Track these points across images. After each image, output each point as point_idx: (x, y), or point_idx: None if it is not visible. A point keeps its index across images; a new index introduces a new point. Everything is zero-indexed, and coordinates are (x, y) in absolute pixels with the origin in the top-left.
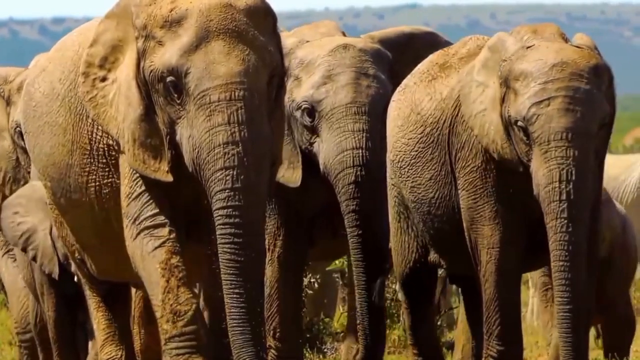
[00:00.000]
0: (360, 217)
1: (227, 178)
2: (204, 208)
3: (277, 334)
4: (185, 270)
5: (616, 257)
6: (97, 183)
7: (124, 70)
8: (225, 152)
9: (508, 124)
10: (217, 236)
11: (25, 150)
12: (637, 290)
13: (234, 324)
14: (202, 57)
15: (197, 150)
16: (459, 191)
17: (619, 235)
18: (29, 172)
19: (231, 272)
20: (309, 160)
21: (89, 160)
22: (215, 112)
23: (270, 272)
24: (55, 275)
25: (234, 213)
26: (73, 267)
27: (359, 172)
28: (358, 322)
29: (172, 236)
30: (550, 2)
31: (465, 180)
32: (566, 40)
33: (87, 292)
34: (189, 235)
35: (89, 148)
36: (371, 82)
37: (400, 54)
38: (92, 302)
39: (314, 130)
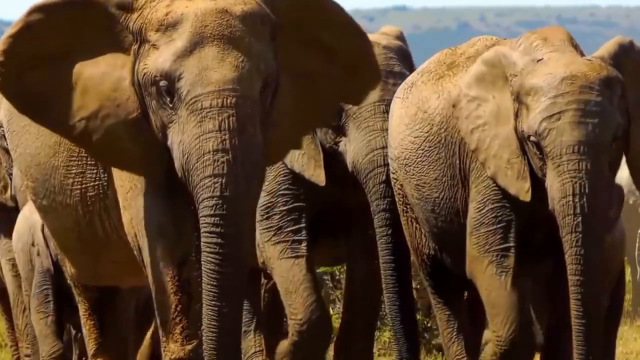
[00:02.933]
0: (391, 216)
1: (216, 186)
2: None
3: (306, 325)
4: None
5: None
6: (83, 185)
7: (92, 67)
8: (214, 160)
9: (522, 140)
10: (202, 244)
11: (7, 151)
12: (627, 293)
13: (212, 337)
14: (196, 62)
15: (186, 156)
16: (470, 202)
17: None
18: (10, 174)
19: (213, 283)
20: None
21: (75, 162)
22: (207, 118)
23: (285, 266)
24: (50, 271)
25: (220, 222)
26: (66, 271)
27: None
28: (390, 325)
29: (181, 243)
30: (540, 4)
31: (476, 191)
32: (575, 46)
33: (78, 299)
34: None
35: (77, 150)
36: (398, 80)
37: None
38: (82, 308)
39: (339, 130)
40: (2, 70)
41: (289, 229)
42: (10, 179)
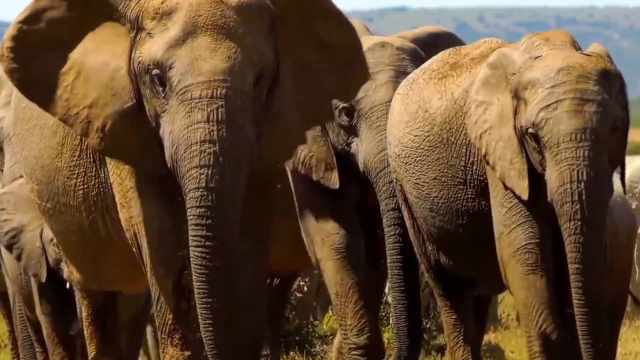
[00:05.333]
0: (401, 215)
1: (202, 177)
2: None
3: (355, 330)
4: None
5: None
6: (85, 185)
7: (90, 57)
8: (201, 150)
9: (522, 136)
10: (190, 237)
11: (0, 149)
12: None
13: (209, 336)
14: (188, 52)
15: (175, 146)
16: (492, 208)
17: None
18: (1, 170)
19: (203, 279)
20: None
21: (77, 161)
22: (196, 109)
23: (333, 267)
24: (42, 278)
25: (206, 214)
26: (65, 274)
27: None
28: (392, 324)
29: (181, 248)
30: (538, 5)
31: (493, 196)
32: (577, 49)
33: (82, 302)
34: None
35: (78, 149)
36: None
37: (429, 54)
38: (85, 313)
39: (351, 130)
40: (11, 55)
41: (334, 224)
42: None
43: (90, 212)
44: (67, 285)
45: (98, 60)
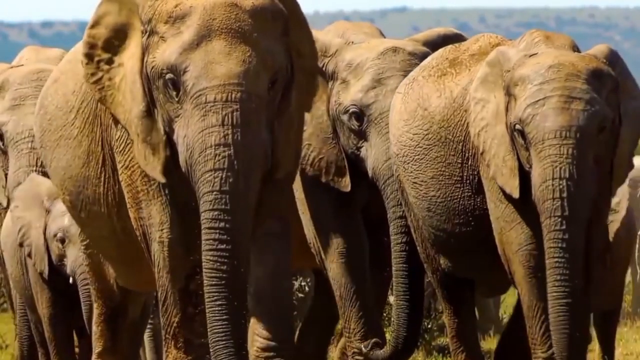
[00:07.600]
0: (407, 224)
1: (216, 180)
2: None
3: (358, 335)
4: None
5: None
6: (111, 191)
7: (130, 61)
8: (216, 154)
9: (512, 132)
10: (202, 241)
11: (3, 151)
12: (626, 294)
13: (217, 339)
14: (202, 56)
15: (189, 150)
16: (488, 203)
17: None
18: (5, 174)
19: (213, 282)
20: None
21: (103, 168)
22: (210, 112)
23: (338, 270)
24: (45, 274)
25: (219, 217)
26: (69, 269)
27: None
28: (393, 329)
29: (190, 254)
30: (539, 5)
31: (490, 191)
32: (576, 52)
33: (96, 301)
34: None
35: (102, 156)
36: None
37: None
38: (97, 311)
39: (361, 135)
40: (85, 61)
41: (340, 227)
42: (6, 180)
43: (120, 217)
44: (70, 281)
45: (130, 64)
